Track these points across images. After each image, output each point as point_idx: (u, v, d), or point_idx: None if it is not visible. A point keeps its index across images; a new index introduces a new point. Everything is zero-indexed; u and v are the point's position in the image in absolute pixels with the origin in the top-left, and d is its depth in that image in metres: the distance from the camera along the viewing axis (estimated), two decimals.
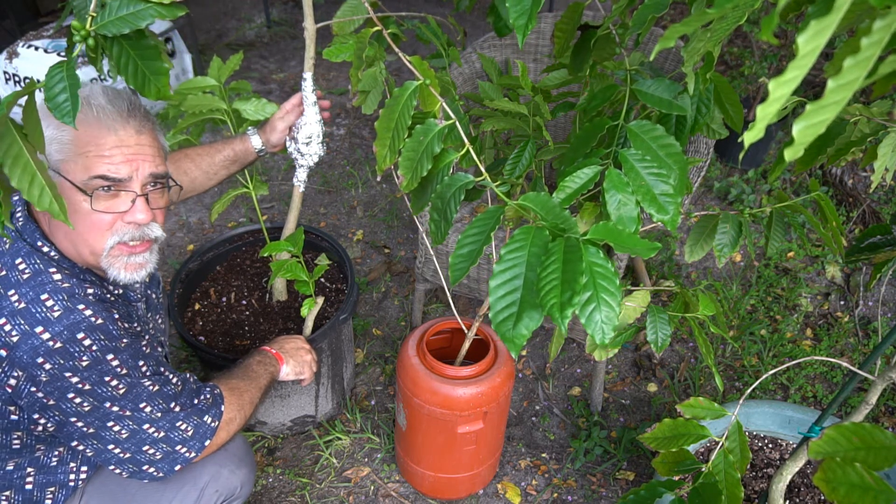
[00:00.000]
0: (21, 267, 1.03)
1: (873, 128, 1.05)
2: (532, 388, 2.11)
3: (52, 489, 1.18)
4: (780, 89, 0.42)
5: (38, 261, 1.04)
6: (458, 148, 0.94)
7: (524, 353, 2.23)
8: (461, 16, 4.39)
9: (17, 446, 1.10)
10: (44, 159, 0.99)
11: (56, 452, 1.16)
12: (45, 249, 1.06)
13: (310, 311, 1.56)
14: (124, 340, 1.06)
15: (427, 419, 1.54)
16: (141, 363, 1.09)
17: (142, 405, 1.08)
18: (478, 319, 1.51)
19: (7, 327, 0.99)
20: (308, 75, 1.33)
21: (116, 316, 1.07)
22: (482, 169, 0.91)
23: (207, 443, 1.16)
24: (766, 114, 0.43)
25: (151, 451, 1.11)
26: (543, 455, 1.92)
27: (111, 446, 1.08)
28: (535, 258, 0.72)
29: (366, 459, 1.88)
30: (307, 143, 1.41)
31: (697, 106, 1.04)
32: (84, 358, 1.01)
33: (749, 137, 0.45)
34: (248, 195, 1.68)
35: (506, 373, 1.53)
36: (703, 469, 1.04)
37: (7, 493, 1.14)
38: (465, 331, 1.54)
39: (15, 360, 0.99)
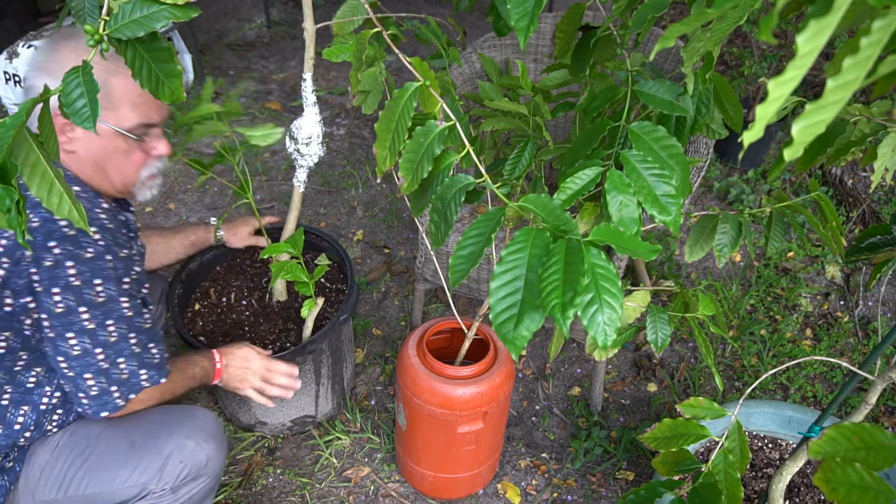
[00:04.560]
0: None
1: (873, 128, 1.05)
2: (532, 388, 2.11)
3: (25, 408, 1.23)
4: (780, 89, 0.42)
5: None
6: (458, 149, 0.93)
7: (524, 352, 2.23)
8: (461, 16, 4.39)
9: (2, 351, 1.15)
10: (59, 167, 1.02)
11: (33, 373, 1.21)
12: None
13: (310, 312, 1.56)
14: (124, 250, 1.16)
15: (427, 419, 1.54)
16: (126, 280, 1.16)
17: (108, 322, 1.14)
18: (478, 319, 1.51)
19: (29, 214, 1.07)
20: (308, 76, 1.33)
21: (124, 231, 1.18)
22: (482, 170, 0.91)
23: (131, 397, 1.21)
24: (765, 113, 0.43)
25: (92, 383, 1.17)
26: (543, 455, 1.92)
27: (60, 359, 1.15)
28: (536, 259, 0.71)
29: (366, 459, 1.88)
30: (307, 144, 1.41)
31: (697, 106, 1.04)
32: (90, 250, 1.10)
33: (748, 137, 0.45)
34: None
35: (506, 373, 1.53)
36: (703, 469, 1.04)
37: None
38: (465, 331, 1.54)
39: (30, 242, 1.06)
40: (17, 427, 1.22)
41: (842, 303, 2.44)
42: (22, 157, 0.69)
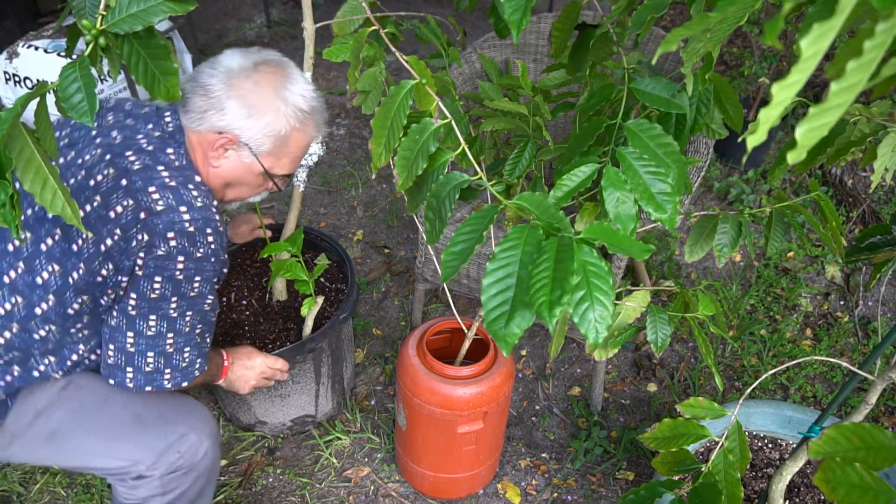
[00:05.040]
0: (171, 156, 1.16)
1: (873, 128, 1.05)
2: (532, 388, 2.11)
3: (51, 359, 1.22)
4: (783, 93, 0.42)
5: (185, 161, 1.17)
6: (453, 147, 0.93)
7: (524, 353, 2.23)
8: (461, 16, 4.38)
9: (71, 313, 1.16)
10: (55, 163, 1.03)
11: (80, 335, 1.21)
12: (185, 163, 1.19)
13: (310, 310, 1.56)
14: (224, 256, 1.19)
15: (427, 419, 1.54)
16: (216, 280, 1.20)
17: (188, 313, 1.18)
18: (478, 319, 1.51)
19: (156, 196, 1.10)
20: (307, 75, 1.33)
21: (227, 234, 1.24)
22: (478, 168, 0.91)
23: (185, 384, 1.25)
24: (768, 117, 0.43)
25: (150, 361, 1.19)
26: (543, 455, 1.92)
27: (130, 334, 1.16)
28: (528, 257, 0.71)
29: (366, 459, 1.88)
30: None
31: (697, 106, 1.04)
32: (201, 250, 1.13)
33: (752, 141, 0.45)
34: None
35: (506, 373, 1.53)
36: (703, 469, 1.04)
37: (15, 333, 1.16)
38: (465, 331, 1.54)
39: (150, 224, 1.08)
40: (35, 374, 1.22)
41: (842, 303, 2.44)
42: (16, 151, 0.69)
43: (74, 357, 1.23)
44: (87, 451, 1.24)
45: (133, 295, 1.14)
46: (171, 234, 1.09)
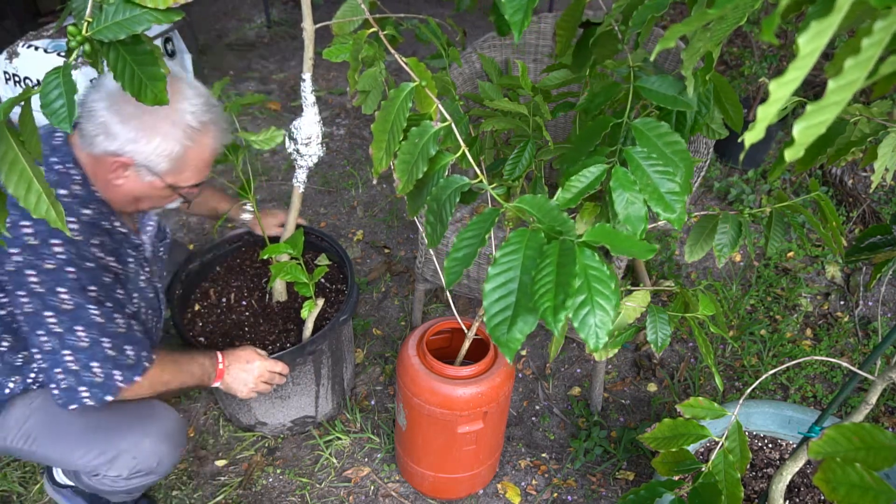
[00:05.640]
0: (54, 167, 1.19)
1: (873, 128, 1.05)
2: (532, 388, 2.11)
3: (16, 378, 1.31)
4: (781, 90, 0.42)
5: (56, 177, 1.18)
6: (454, 150, 0.93)
7: (524, 353, 2.23)
8: (461, 16, 4.38)
9: None
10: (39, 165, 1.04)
11: (20, 355, 1.28)
12: (73, 172, 1.20)
13: (310, 313, 1.56)
14: (89, 264, 1.17)
15: (427, 419, 1.54)
16: (93, 288, 1.18)
17: (77, 328, 1.17)
18: (478, 319, 1.51)
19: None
20: (307, 76, 1.32)
21: (96, 242, 1.20)
22: (478, 171, 0.90)
23: (107, 398, 1.24)
24: (766, 115, 0.43)
25: (61, 378, 1.21)
26: (543, 455, 1.92)
27: (34, 350, 1.19)
28: (531, 261, 0.71)
29: (366, 459, 1.88)
30: (307, 144, 1.41)
31: (697, 106, 1.04)
32: (49, 262, 1.13)
33: (749, 138, 0.45)
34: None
35: (506, 373, 1.53)
36: (703, 469, 1.04)
37: None
38: (465, 331, 1.54)
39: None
40: (6, 391, 1.31)
41: (842, 303, 2.44)
42: (1, 154, 0.69)
43: (32, 375, 1.33)
44: (53, 455, 1.35)
45: (17, 311, 1.17)
46: (14, 251, 1.12)
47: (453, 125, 0.91)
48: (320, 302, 1.58)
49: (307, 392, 1.79)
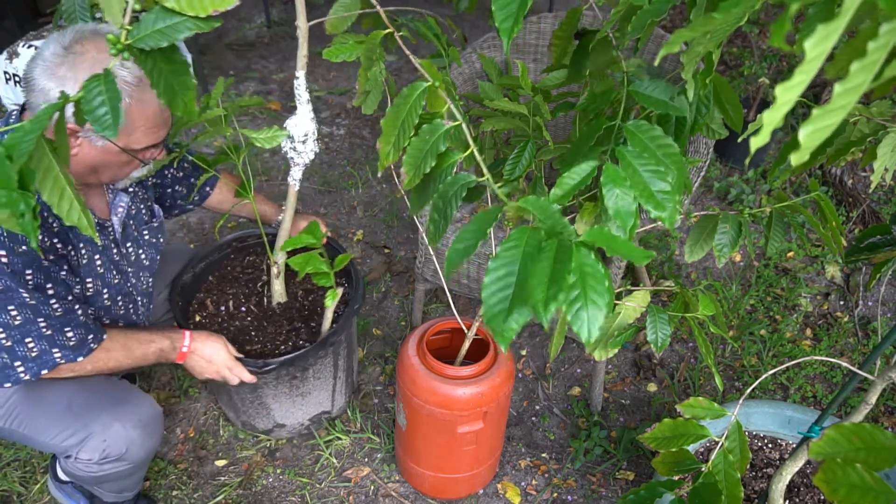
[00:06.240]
0: None
1: (873, 128, 1.05)
2: (532, 388, 2.11)
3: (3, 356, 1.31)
4: (787, 94, 0.42)
5: None
6: (462, 149, 0.94)
7: (524, 353, 2.23)
8: (461, 16, 4.39)
9: None
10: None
11: None
12: (72, 177, 1.16)
13: (333, 301, 1.57)
14: (23, 246, 1.17)
15: (427, 419, 1.54)
16: (28, 272, 1.18)
17: (9, 307, 1.18)
18: (478, 319, 1.51)
19: None
20: (301, 73, 1.32)
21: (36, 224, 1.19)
22: (484, 169, 0.91)
23: (44, 372, 1.27)
24: (772, 119, 0.43)
25: None
26: (543, 455, 1.92)
27: None
28: (528, 257, 0.73)
29: (366, 459, 1.88)
30: (303, 142, 1.41)
31: (697, 106, 1.04)
32: None
33: (755, 143, 0.45)
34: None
35: (506, 373, 1.53)
36: (703, 469, 1.04)
37: None
38: (465, 331, 1.54)
39: None
40: None
41: (842, 303, 2.44)
42: (36, 160, 0.69)
43: None
44: (29, 433, 1.37)
45: None
46: None
47: (463, 125, 0.92)
48: (340, 290, 1.58)
49: (326, 386, 1.79)
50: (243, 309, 1.76)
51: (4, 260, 1.15)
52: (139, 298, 1.52)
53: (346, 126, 3.31)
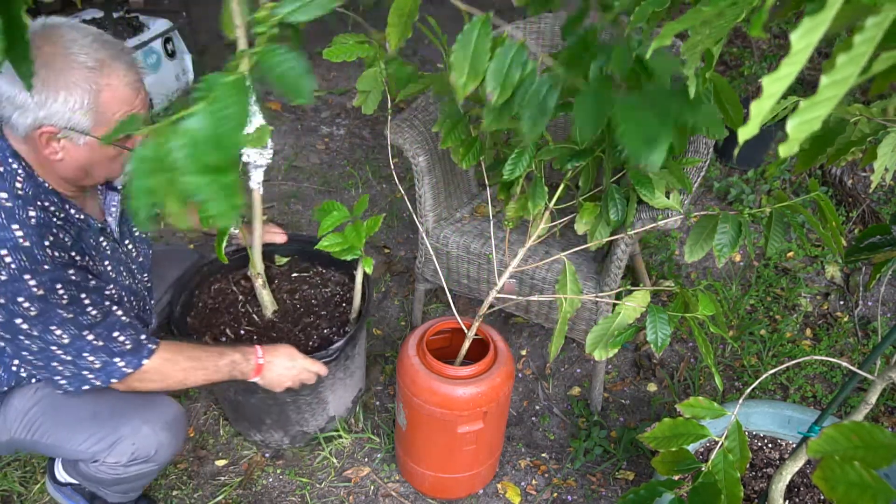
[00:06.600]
0: None
1: (873, 128, 1.05)
2: (532, 388, 2.11)
3: (25, 366, 1.29)
4: (774, 85, 0.42)
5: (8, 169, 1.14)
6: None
7: (524, 353, 2.23)
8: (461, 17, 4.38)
9: None
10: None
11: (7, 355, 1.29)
12: (14, 167, 1.15)
13: (369, 267, 1.58)
14: (45, 266, 1.13)
15: (427, 419, 1.54)
16: (59, 287, 1.15)
17: (52, 328, 1.16)
18: (478, 319, 1.51)
19: None
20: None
21: (48, 242, 1.15)
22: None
23: (113, 381, 1.26)
24: (760, 110, 0.43)
25: (60, 368, 1.22)
26: (543, 455, 1.92)
27: (25, 353, 1.19)
28: None
29: (366, 459, 1.88)
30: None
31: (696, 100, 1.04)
32: (2, 273, 1.09)
33: (743, 134, 0.45)
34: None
35: (506, 373, 1.53)
36: (703, 468, 1.04)
37: None
38: (465, 331, 1.54)
39: None
40: (23, 373, 1.34)
41: (842, 303, 2.44)
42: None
43: (24, 373, 1.34)
44: (55, 443, 1.36)
45: None
46: None
47: (526, 39, 0.94)
48: (370, 260, 1.58)
49: (361, 362, 1.82)
50: (242, 332, 1.68)
51: (33, 282, 1.11)
52: (146, 295, 1.51)
53: (346, 126, 3.31)
